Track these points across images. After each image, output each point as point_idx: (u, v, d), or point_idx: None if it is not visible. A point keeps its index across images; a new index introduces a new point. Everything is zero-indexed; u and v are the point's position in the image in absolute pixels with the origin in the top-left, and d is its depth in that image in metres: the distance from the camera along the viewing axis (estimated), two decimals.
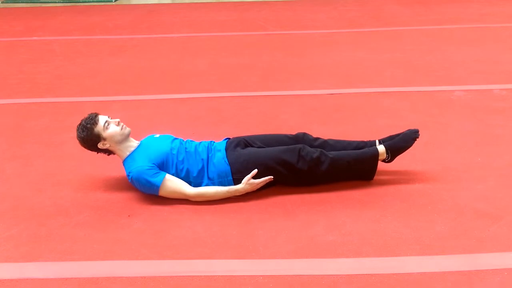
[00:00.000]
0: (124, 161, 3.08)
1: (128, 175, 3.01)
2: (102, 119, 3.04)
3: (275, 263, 2.49)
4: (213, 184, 3.03)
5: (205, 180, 3.03)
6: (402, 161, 3.26)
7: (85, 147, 3.10)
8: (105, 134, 3.02)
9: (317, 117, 4.15)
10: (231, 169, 3.01)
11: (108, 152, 3.12)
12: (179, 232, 2.73)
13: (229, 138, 3.25)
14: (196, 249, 2.60)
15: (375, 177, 3.15)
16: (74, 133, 3.90)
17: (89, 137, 3.03)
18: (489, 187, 3.07)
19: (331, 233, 2.69)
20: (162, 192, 2.97)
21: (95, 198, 3.08)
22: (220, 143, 3.18)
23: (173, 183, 2.96)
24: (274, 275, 2.40)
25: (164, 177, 2.95)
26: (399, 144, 3.12)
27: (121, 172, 3.31)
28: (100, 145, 3.05)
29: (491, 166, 3.31)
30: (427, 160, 3.38)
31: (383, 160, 3.12)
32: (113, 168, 3.39)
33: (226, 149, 3.10)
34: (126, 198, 3.07)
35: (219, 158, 3.05)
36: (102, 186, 3.21)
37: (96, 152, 3.13)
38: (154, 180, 2.94)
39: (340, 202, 2.96)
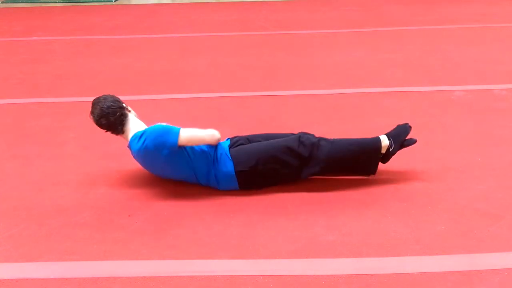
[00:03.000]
0: (132, 136, 3.04)
1: (140, 136, 2.97)
2: None
3: (275, 263, 2.49)
4: (217, 182, 3.05)
5: (211, 177, 3.04)
6: (402, 161, 3.26)
7: (107, 111, 3.03)
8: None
9: (317, 117, 4.15)
10: (233, 162, 3.02)
11: (121, 125, 3.07)
12: (179, 232, 2.73)
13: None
14: (196, 249, 2.60)
15: (375, 177, 3.15)
16: (74, 133, 3.93)
17: (116, 99, 3.10)
18: (489, 187, 3.07)
19: (331, 233, 2.69)
20: (182, 134, 2.95)
21: (95, 198, 3.08)
22: (223, 142, 3.20)
23: (189, 129, 3.00)
24: (274, 275, 2.40)
25: (179, 127, 2.99)
26: (397, 130, 3.16)
27: (121, 172, 3.32)
28: (125, 109, 3.09)
29: (491, 166, 3.31)
30: (427, 160, 3.38)
31: (388, 150, 3.10)
32: (113, 168, 3.39)
33: (230, 147, 3.13)
34: (126, 198, 3.07)
35: (222, 155, 3.06)
36: (102, 186, 3.21)
37: (106, 129, 3.09)
38: (171, 126, 2.97)
39: (340, 202, 2.96)
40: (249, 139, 3.21)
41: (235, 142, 3.18)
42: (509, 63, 5.33)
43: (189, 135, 2.97)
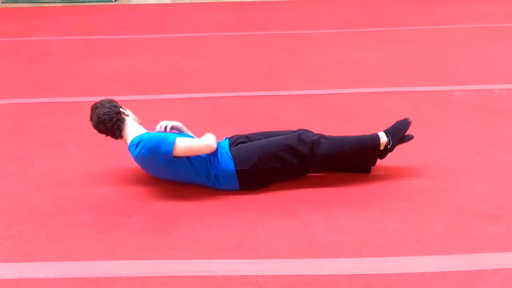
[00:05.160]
0: (130, 142, 3.06)
1: (137, 144, 2.98)
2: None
3: (275, 263, 2.49)
4: (218, 181, 3.05)
5: (211, 177, 3.04)
6: (402, 161, 3.26)
7: (103, 117, 3.07)
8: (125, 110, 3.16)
9: (317, 117, 4.15)
10: (234, 162, 3.02)
11: (119, 130, 3.10)
12: (179, 232, 2.74)
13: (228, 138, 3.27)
14: (196, 249, 2.60)
15: (375, 177, 3.15)
16: (74, 133, 3.93)
17: (113, 104, 3.11)
18: (489, 187, 3.07)
19: (331, 233, 2.69)
20: (177, 145, 2.95)
21: (95, 198, 3.08)
22: (222, 142, 3.20)
23: (184, 139, 2.99)
24: (274, 275, 2.40)
25: (175, 136, 2.99)
26: (396, 127, 3.17)
27: (121, 172, 3.32)
28: (122, 109, 3.13)
29: (491, 166, 3.31)
30: (427, 159, 3.38)
31: (386, 147, 3.11)
32: (113, 168, 3.39)
33: (230, 146, 3.13)
34: (126, 198, 3.07)
35: (223, 154, 3.06)
36: (102, 186, 3.21)
37: (105, 133, 3.13)
38: (167, 136, 2.97)
39: (340, 202, 2.96)
40: (248, 137, 3.22)
41: (235, 141, 3.19)
42: (509, 63, 5.33)
43: (184, 145, 2.96)
